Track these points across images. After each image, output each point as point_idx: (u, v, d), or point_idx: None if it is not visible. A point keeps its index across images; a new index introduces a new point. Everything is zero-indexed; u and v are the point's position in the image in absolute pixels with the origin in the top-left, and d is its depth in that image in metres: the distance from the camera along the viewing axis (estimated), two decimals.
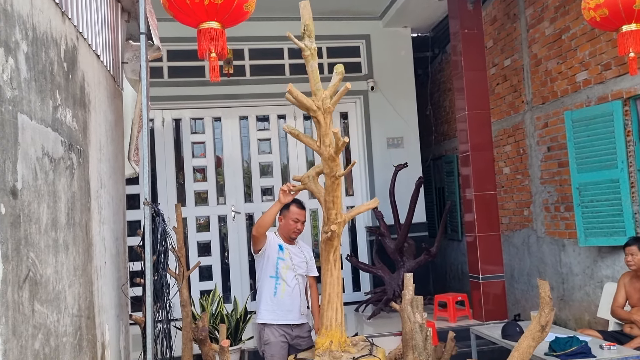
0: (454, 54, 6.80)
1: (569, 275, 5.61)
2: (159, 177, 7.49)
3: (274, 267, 3.99)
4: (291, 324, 3.99)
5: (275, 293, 3.97)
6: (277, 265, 3.99)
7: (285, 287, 3.97)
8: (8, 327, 1.69)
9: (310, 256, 4.20)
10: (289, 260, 4.02)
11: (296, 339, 4.03)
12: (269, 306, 3.98)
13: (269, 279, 4.00)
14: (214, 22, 3.07)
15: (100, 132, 3.14)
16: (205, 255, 7.54)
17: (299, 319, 4.01)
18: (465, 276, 7.61)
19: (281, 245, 4.06)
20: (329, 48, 7.95)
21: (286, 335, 3.99)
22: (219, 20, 3.08)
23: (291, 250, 4.08)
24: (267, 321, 3.98)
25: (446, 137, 8.69)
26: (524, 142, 6.28)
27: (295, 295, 4.00)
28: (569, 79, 5.48)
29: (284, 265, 4.00)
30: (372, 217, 7.47)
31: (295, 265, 4.03)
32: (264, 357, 4.04)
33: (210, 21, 3.06)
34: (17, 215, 1.80)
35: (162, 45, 6.82)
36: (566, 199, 5.55)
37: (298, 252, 4.12)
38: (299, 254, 4.11)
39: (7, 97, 1.77)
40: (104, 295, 3.01)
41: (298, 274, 4.05)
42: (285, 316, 3.97)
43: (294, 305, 3.99)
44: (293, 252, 4.08)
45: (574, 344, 3.86)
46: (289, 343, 4.02)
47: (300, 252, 4.13)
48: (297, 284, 4.02)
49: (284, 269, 3.99)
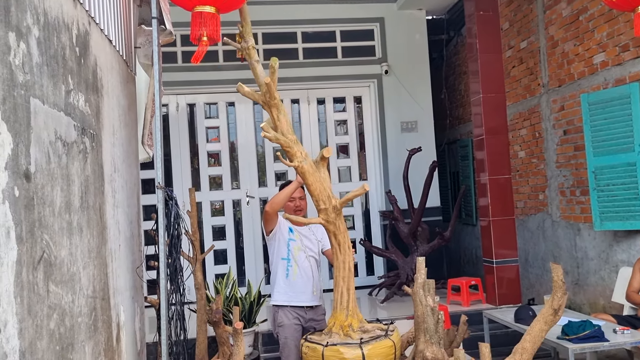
0: (469, 36, 6.72)
1: (584, 260, 5.57)
2: (174, 162, 7.55)
3: (286, 249, 4.02)
4: (304, 305, 4.01)
5: (288, 275, 4.00)
6: (288, 246, 4.02)
7: (297, 269, 4.00)
8: (23, 307, 1.73)
9: (322, 233, 4.16)
10: (299, 241, 4.05)
11: (310, 322, 4.05)
12: (282, 288, 4.02)
13: (281, 261, 4.03)
14: (209, 6, 3.05)
15: (114, 116, 3.17)
16: (220, 239, 7.62)
17: (311, 300, 4.03)
18: (479, 261, 7.59)
19: (291, 228, 4.08)
20: (342, 32, 7.91)
21: (299, 317, 4.02)
22: (214, 5, 3.06)
23: (301, 232, 4.10)
24: (281, 303, 4.01)
25: (461, 121, 8.62)
26: (539, 125, 6.21)
27: (307, 276, 4.02)
28: (586, 61, 5.39)
29: (295, 247, 4.03)
30: (386, 202, 7.46)
31: (305, 247, 4.06)
32: (278, 339, 4.09)
33: (205, 5, 3.05)
34: (30, 198, 1.83)
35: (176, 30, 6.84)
36: (582, 182, 5.49)
37: (308, 234, 4.13)
38: (310, 235, 4.13)
39: (19, 82, 1.79)
40: (118, 278, 3.06)
41: (309, 255, 4.06)
42: (298, 297, 3.99)
43: (306, 286, 4.01)
44: (303, 233, 4.10)
45: (587, 327, 3.85)
46: (302, 325, 4.04)
47: (310, 233, 4.14)
48: (309, 266, 4.03)
49: (295, 250, 4.02)
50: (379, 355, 3.29)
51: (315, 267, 4.12)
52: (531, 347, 3.24)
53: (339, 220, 3.48)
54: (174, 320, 3.59)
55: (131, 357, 3.30)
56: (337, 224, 3.48)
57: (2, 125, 1.66)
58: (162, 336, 3.34)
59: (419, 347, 3.45)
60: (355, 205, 7.96)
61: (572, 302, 5.69)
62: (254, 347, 5.48)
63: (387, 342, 3.36)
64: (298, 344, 3.95)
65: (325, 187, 3.44)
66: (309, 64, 7.76)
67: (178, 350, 3.67)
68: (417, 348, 3.47)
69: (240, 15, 3.48)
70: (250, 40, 3.47)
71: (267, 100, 3.46)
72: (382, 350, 3.33)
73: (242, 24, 3.49)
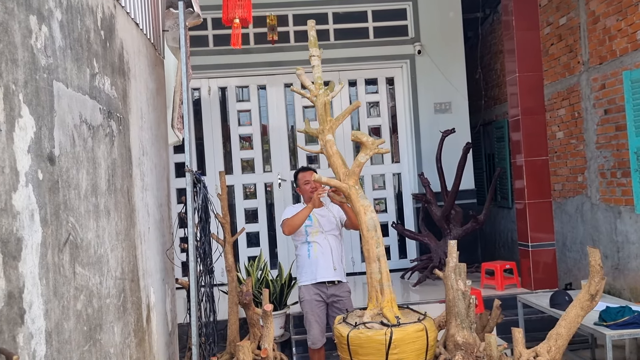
0: (505, 13, 6.50)
1: (625, 244, 5.38)
2: (206, 146, 7.60)
3: (304, 235, 4.29)
4: (325, 281, 4.24)
5: (310, 255, 4.27)
6: (306, 232, 4.28)
7: (317, 247, 4.26)
8: (49, 289, 1.75)
9: (338, 209, 4.38)
10: (317, 224, 4.29)
11: (332, 297, 4.27)
12: (305, 268, 4.30)
13: (302, 245, 4.32)
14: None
15: (141, 100, 3.18)
16: (253, 222, 7.66)
17: (333, 275, 4.24)
18: (515, 245, 7.43)
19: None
20: (374, 11, 7.76)
21: (321, 293, 4.26)
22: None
23: (319, 214, 4.32)
24: (305, 283, 4.30)
25: (497, 101, 8.39)
26: (579, 105, 5.98)
27: (327, 253, 4.26)
28: (629, 36, 5.14)
29: (313, 231, 4.28)
30: (419, 184, 7.36)
31: (322, 227, 4.29)
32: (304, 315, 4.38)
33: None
34: (55, 181, 1.85)
35: (207, 14, 6.84)
36: (623, 164, 5.28)
37: (325, 213, 4.35)
38: (327, 214, 4.35)
39: (41, 65, 1.80)
40: (148, 260, 3.09)
41: (328, 234, 4.29)
42: (320, 274, 4.24)
43: (327, 262, 4.25)
44: (320, 214, 4.32)
45: (626, 313, 3.73)
46: (325, 301, 4.28)
47: (327, 212, 4.36)
48: (328, 244, 4.27)
49: (313, 234, 4.28)
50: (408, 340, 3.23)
51: (336, 244, 4.34)
52: (566, 332, 3.16)
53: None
54: (203, 302, 3.63)
55: (162, 338, 3.35)
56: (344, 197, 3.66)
57: (25, 109, 1.66)
58: (192, 317, 3.37)
59: (450, 331, 3.40)
60: (387, 188, 7.88)
61: (611, 287, 5.52)
62: (285, 329, 5.51)
63: (419, 326, 3.28)
64: (319, 318, 4.28)
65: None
66: (340, 45, 7.66)
67: (208, 332, 3.71)
68: (448, 332, 3.42)
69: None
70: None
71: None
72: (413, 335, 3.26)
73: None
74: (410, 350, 3.15)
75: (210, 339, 3.76)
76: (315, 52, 3.65)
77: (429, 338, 3.23)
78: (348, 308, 4.14)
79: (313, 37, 3.66)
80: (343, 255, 4.39)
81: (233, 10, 2.91)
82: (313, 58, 3.64)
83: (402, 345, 3.14)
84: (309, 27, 3.67)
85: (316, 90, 3.60)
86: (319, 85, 3.60)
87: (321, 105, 3.59)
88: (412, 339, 3.15)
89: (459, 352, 3.24)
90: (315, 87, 3.61)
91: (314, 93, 3.60)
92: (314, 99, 3.67)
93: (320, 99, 3.58)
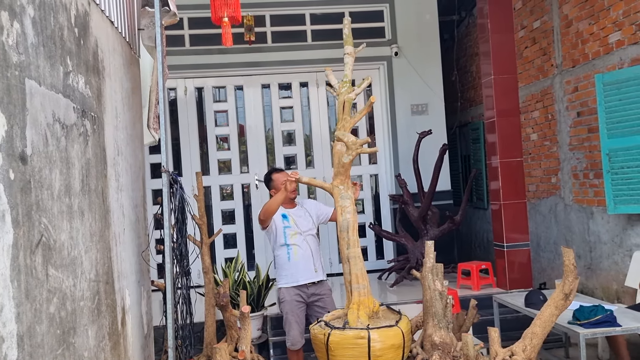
0: (480, 16, 6.58)
1: (597, 244, 5.48)
2: (183, 146, 7.52)
3: (283, 236, 4.22)
4: (306, 283, 4.21)
5: (290, 258, 4.21)
6: (284, 234, 4.22)
7: (297, 249, 4.20)
8: (21, 291, 1.71)
9: (315, 205, 4.41)
10: (295, 225, 4.24)
11: (313, 297, 4.24)
12: (285, 271, 4.23)
13: (281, 248, 4.24)
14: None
15: (116, 99, 3.13)
16: (230, 223, 7.61)
17: (314, 276, 4.22)
18: (490, 245, 7.52)
19: (284, 214, 4.26)
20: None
21: (301, 294, 4.22)
22: None
23: (295, 215, 4.28)
24: (285, 285, 4.24)
25: (472, 103, 8.49)
26: (552, 107, 6.09)
27: (307, 255, 4.22)
28: (601, 40, 5.25)
29: (292, 232, 4.22)
30: (396, 185, 7.40)
31: (300, 228, 4.24)
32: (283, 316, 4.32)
33: None
34: (27, 181, 1.80)
35: (183, 13, 6.77)
36: (595, 165, 5.38)
37: (302, 214, 4.31)
38: (303, 215, 4.30)
39: (13, 62, 1.75)
40: (123, 262, 3.04)
41: (307, 235, 4.25)
42: (302, 276, 4.20)
43: (307, 264, 4.21)
44: (297, 214, 4.28)
45: (599, 312, 3.79)
46: (305, 302, 4.24)
47: (304, 213, 4.32)
48: (307, 245, 4.23)
49: (292, 236, 4.22)
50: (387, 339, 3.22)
51: (315, 245, 4.31)
52: (541, 331, 3.20)
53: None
54: (180, 304, 3.58)
55: (137, 341, 3.29)
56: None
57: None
58: (168, 320, 3.33)
59: (427, 331, 3.41)
60: (364, 189, 7.90)
61: (584, 286, 5.62)
62: (262, 330, 5.48)
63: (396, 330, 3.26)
64: (299, 319, 4.24)
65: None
66: (318, 47, 7.67)
67: (185, 334, 3.66)
68: (425, 332, 3.43)
69: None
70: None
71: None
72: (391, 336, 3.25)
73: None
74: (349, 355, 3.16)
75: (187, 342, 3.72)
76: (349, 49, 3.61)
77: (370, 348, 3.14)
78: (329, 307, 4.14)
79: (346, 35, 3.62)
80: (320, 253, 4.39)
81: (221, 9, 2.88)
82: (346, 56, 3.60)
83: (338, 348, 3.18)
84: (344, 25, 3.63)
85: (339, 88, 3.58)
86: (343, 83, 3.57)
87: (340, 103, 3.57)
88: (349, 344, 3.15)
89: (436, 352, 3.26)
90: (339, 85, 3.60)
91: (338, 91, 3.58)
92: (337, 97, 3.64)
93: (340, 97, 3.56)
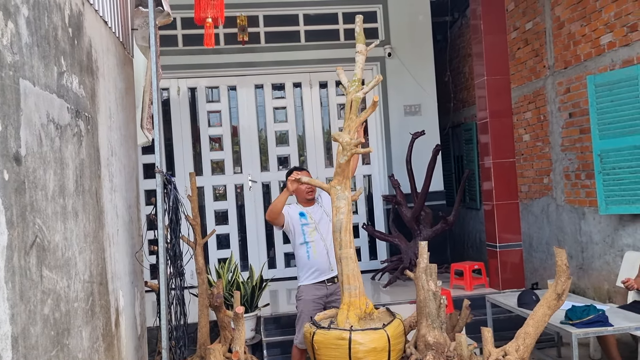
0: (473, 17, 6.61)
1: (589, 244, 5.52)
2: (176, 147, 7.50)
3: (302, 235, 4.21)
4: (325, 279, 4.20)
5: (309, 256, 4.20)
6: (303, 232, 4.21)
7: (316, 247, 4.19)
8: (15, 292, 1.70)
9: (328, 202, 4.29)
10: (313, 223, 4.23)
11: (331, 297, 4.20)
12: (306, 268, 4.22)
13: (301, 246, 4.23)
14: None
15: (110, 99, 3.12)
16: (223, 224, 7.59)
17: (330, 273, 4.20)
18: (483, 245, 7.55)
19: (302, 212, 4.25)
20: (344, 13, 7.79)
21: (319, 293, 4.18)
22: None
23: (312, 212, 4.27)
24: (304, 282, 4.24)
25: (465, 104, 8.52)
26: (544, 108, 6.12)
27: (324, 253, 4.20)
28: (592, 41, 5.29)
29: (310, 230, 4.21)
30: (389, 186, 7.42)
31: (317, 225, 4.23)
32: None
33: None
34: (21, 182, 1.79)
35: (177, 13, 6.75)
36: (587, 166, 5.42)
37: (319, 211, 4.29)
38: (320, 212, 4.29)
39: (7, 62, 1.74)
40: (117, 262, 3.03)
41: (323, 232, 4.23)
42: (321, 273, 4.19)
43: (325, 263, 4.20)
44: (314, 212, 4.28)
45: (591, 312, 3.81)
46: (323, 303, 4.20)
47: (321, 210, 4.30)
48: (324, 244, 4.21)
49: (310, 234, 4.21)
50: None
51: (331, 243, 4.22)
52: (534, 331, 3.22)
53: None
54: (174, 305, 3.57)
55: (131, 342, 3.28)
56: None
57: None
58: (162, 320, 3.32)
59: (421, 331, 3.42)
60: (358, 190, 7.89)
61: (576, 286, 5.66)
62: (256, 331, 5.48)
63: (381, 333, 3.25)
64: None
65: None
66: (311, 47, 7.67)
67: (179, 335, 3.66)
68: (419, 332, 3.44)
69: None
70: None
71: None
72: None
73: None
74: (332, 355, 3.18)
75: (181, 343, 3.71)
76: (360, 47, 3.60)
77: (351, 350, 3.14)
78: None
79: (358, 33, 3.60)
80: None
81: (205, 10, 2.88)
82: (357, 54, 3.59)
83: (322, 348, 3.21)
84: (357, 23, 3.60)
85: (349, 87, 3.57)
86: (353, 82, 3.55)
87: (348, 102, 3.55)
88: (332, 345, 3.18)
89: (430, 352, 3.27)
90: (349, 84, 3.59)
91: (347, 90, 3.57)
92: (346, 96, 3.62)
93: (349, 96, 3.55)
